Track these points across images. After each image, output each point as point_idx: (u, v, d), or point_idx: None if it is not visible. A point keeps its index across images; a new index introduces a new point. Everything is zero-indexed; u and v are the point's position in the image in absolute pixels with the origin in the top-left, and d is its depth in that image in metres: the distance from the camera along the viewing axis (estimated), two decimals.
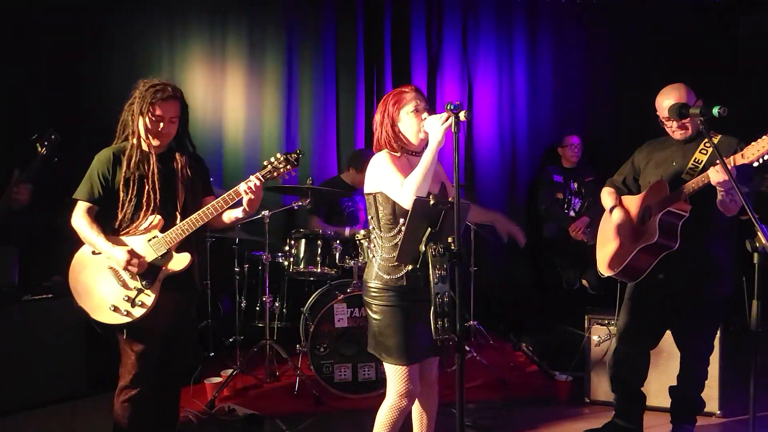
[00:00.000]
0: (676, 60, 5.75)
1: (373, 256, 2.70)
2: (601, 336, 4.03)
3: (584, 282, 5.47)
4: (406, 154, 2.70)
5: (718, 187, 2.88)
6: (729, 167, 2.69)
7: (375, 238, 2.69)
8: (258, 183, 2.85)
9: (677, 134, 3.23)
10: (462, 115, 2.22)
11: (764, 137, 2.75)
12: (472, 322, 5.14)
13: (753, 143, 2.79)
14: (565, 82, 6.24)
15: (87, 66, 5.00)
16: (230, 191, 2.88)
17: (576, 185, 5.61)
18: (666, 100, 3.19)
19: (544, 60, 6.24)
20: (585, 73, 6.24)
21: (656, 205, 3.16)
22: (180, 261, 2.90)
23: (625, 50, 6.09)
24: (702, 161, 3.13)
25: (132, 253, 2.80)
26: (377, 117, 2.74)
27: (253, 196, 2.86)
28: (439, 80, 6.09)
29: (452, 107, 2.15)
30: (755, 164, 2.78)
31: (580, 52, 6.23)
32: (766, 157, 2.75)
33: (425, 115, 2.60)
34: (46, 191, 4.50)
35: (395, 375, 2.62)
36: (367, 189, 2.71)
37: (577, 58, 6.24)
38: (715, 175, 2.86)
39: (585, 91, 6.24)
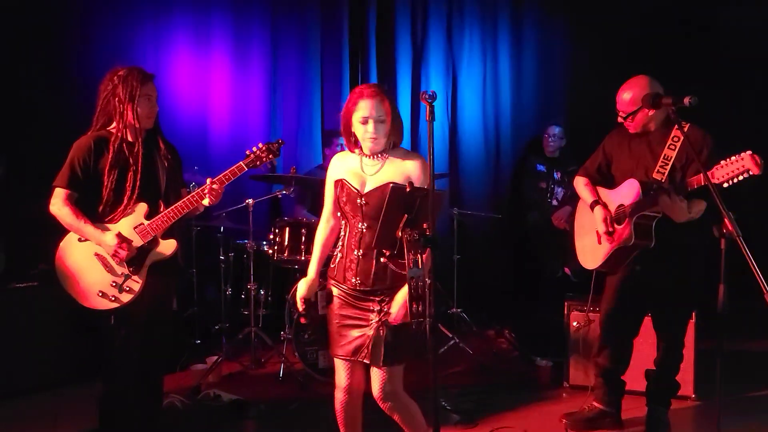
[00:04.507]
0: (657, 51, 5.82)
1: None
2: (579, 322, 4.10)
3: (566, 270, 5.54)
4: (362, 154, 2.68)
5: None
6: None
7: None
8: (217, 187, 2.95)
9: (631, 128, 3.31)
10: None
11: (735, 158, 2.76)
12: (455, 310, 5.20)
13: (724, 163, 2.79)
14: (549, 71, 6.31)
15: (70, 53, 4.99)
16: (199, 189, 2.96)
17: (559, 174, 5.66)
18: (626, 93, 3.24)
19: (528, 50, 6.30)
20: (569, 63, 6.29)
21: (630, 207, 3.23)
22: (167, 247, 2.95)
23: (607, 41, 6.14)
24: (671, 158, 3.18)
25: (120, 237, 2.84)
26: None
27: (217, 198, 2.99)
28: (424, 70, 6.14)
29: (427, 96, 2.19)
30: (725, 185, 2.78)
31: (563, 42, 6.29)
32: (735, 180, 2.76)
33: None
34: (31, 179, 4.52)
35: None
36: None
37: (561, 48, 6.30)
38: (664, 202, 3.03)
39: (568, 81, 6.29)
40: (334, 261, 2.72)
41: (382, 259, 2.41)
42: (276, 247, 4.56)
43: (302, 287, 2.77)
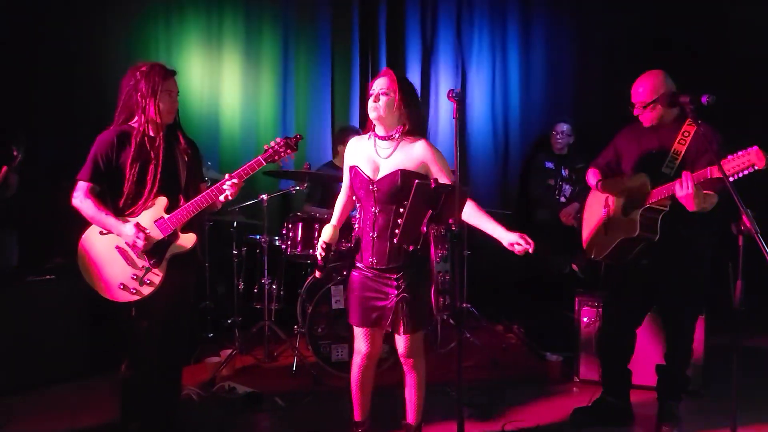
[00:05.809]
0: (667, 48, 5.84)
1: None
2: (590, 317, 4.15)
3: (574, 266, 5.58)
4: (375, 136, 2.86)
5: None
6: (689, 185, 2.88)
7: None
8: (237, 181, 2.99)
9: (646, 121, 3.33)
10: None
11: (741, 153, 2.80)
12: (465, 305, 5.24)
13: (731, 157, 2.82)
14: (558, 69, 6.32)
15: (83, 51, 5.02)
16: (218, 184, 2.99)
17: (567, 171, 5.69)
18: (642, 86, 3.28)
19: (536, 47, 6.32)
20: (577, 61, 6.31)
21: (638, 200, 3.26)
22: (187, 240, 2.99)
23: (616, 38, 6.17)
24: (680, 153, 3.22)
25: (138, 227, 2.89)
26: None
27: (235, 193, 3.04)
28: (433, 67, 6.16)
29: (454, 95, 2.23)
30: (731, 179, 2.79)
31: (572, 40, 6.31)
32: (741, 174, 2.79)
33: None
34: (45, 174, 4.57)
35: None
36: None
37: (570, 46, 6.31)
38: (679, 191, 3.00)
39: (577, 78, 6.32)
40: (354, 242, 2.92)
41: (394, 240, 2.61)
42: (289, 242, 4.59)
43: (327, 231, 2.90)
